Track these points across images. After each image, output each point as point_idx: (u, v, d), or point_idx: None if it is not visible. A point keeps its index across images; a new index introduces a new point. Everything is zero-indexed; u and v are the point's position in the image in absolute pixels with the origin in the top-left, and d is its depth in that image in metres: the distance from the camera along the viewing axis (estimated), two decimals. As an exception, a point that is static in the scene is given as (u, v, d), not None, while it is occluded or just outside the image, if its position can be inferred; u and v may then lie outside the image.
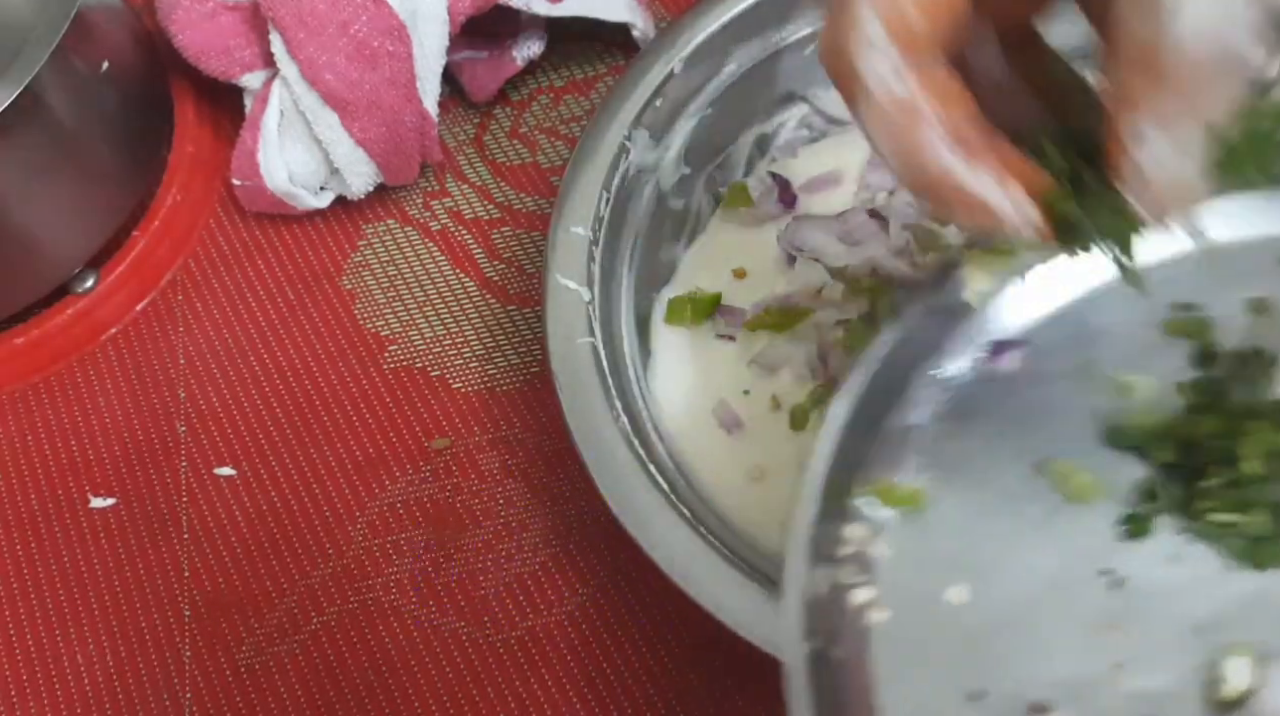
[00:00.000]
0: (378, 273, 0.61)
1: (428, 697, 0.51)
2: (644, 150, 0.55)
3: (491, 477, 0.55)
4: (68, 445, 0.58)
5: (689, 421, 0.53)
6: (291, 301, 0.61)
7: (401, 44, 0.58)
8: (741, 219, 0.59)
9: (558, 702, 0.50)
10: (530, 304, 0.60)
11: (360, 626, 0.53)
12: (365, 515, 0.55)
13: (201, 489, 0.57)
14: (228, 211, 0.64)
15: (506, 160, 0.64)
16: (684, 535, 0.46)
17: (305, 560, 0.54)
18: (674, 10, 0.66)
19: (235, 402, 0.58)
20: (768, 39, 0.57)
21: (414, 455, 0.56)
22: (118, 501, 0.57)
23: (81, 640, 0.54)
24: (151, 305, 0.62)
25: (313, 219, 0.63)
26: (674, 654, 0.51)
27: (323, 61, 0.57)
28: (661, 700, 0.50)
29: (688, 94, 0.56)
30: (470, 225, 0.62)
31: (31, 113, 0.55)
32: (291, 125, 0.59)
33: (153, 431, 0.58)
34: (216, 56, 0.60)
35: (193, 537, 0.55)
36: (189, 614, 0.54)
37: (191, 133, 0.64)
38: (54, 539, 0.56)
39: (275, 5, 0.57)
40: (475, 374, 0.58)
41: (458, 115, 0.66)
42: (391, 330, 0.60)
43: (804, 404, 0.53)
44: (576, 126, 0.65)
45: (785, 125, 0.60)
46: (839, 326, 0.53)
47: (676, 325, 0.56)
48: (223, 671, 0.52)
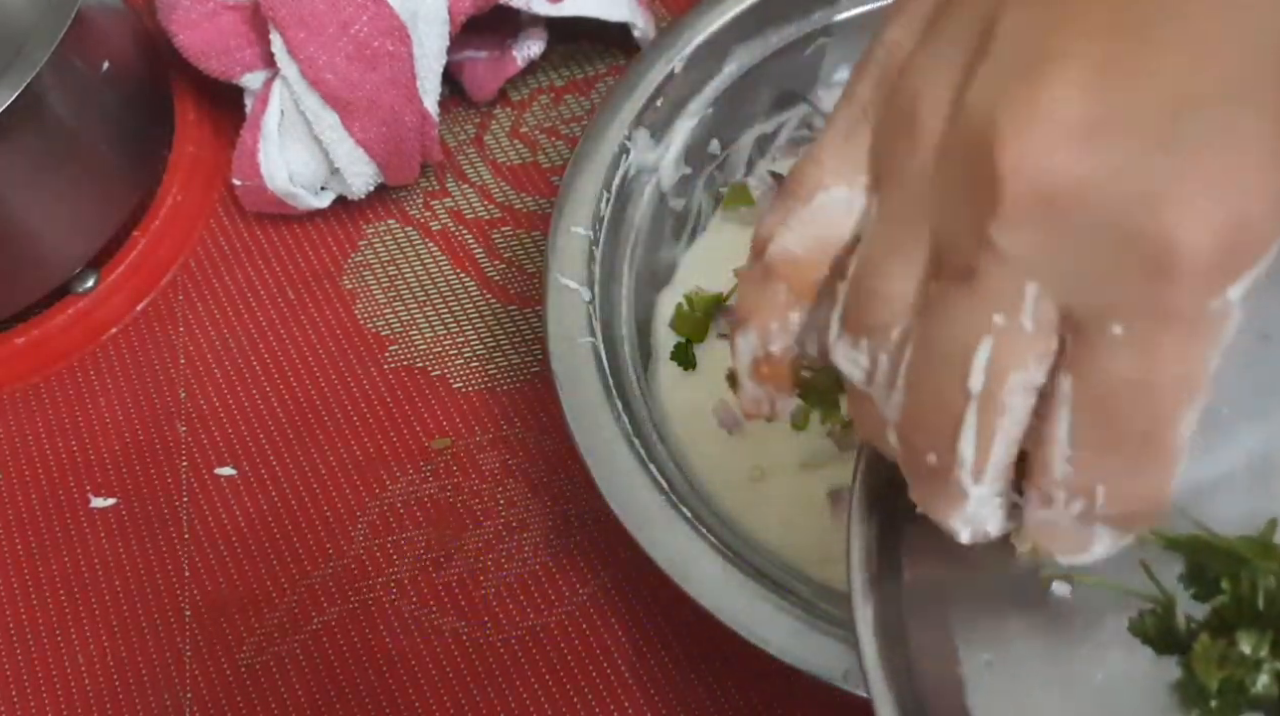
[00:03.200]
0: (378, 272, 0.61)
1: (428, 697, 0.51)
2: (644, 150, 0.55)
3: (491, 477, 0.55)
4: (68, 445, 0.58)
5: (689, 421, 0.53)
6: (292, 301, 0.61)
7: (402, 44, 0.58)
8: (742, 219, 0.59)
9: (558, 702, 0.50)
10: (531, 304, 0.60)
11: (360, 626, 0.53)
12: (365, 515, 0.55)
13: (202, 489, 0.57)
14: (228, 211, 0.64)
15: (507, 160, 0.64)
16: (684, 535, 0.46)
17: (305, 560, 0.54)
18: (674, 10, 0.66)
19: (235, 402, 0.58)
20: (768, 39, 0.57)
21: (414, 455, 0.56)
22: (118, 501, 0.57)
23: (81, 640, 0.54)
24: (151, 305, 0.62)
25: (313, 219, 0.63)
26: (674, 654, 0.51)
27: (323, 61, 0.57)
28: (662, 700, 0.50)
29: (688, 94, 0.56)
30: (471, 225, 0.62)
31: (32, 113, 0.55)
32: (292, 125, 0.59)
33: (153, 431, 0.58)
34: (217, 56, 0.60)
35: (193, 537, 0.55)
36: (189, 614, 0.54)
37: (191, 133, 0.64)
38: (54, 539, 0.56)
39: (276, 5, 0.57)
40: (475, 374, 0.58)
41: (458, 115, 0.66)
42: (392, 330, 0.60)
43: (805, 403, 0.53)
44: (577, 126, 0.65)
45: (785, 125, 0.60)
46: (839, 326, 0.53)
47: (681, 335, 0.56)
48: (223, 671, 0.52)
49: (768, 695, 0.50)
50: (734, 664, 0.50)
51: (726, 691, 0.50)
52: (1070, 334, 0.28)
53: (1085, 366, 0.28)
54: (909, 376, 0.30)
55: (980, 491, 0.30)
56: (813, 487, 0.52)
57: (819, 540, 0.51)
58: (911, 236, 0.30)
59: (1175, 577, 0.34)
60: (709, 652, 0.50)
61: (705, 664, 0.50)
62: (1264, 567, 0.32)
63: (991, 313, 0.28)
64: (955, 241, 0.29)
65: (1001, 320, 0.28)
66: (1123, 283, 0.27)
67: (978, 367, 0.29)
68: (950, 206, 0.29)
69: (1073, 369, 0.28)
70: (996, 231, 0.27)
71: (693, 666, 0.50)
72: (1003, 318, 0.28)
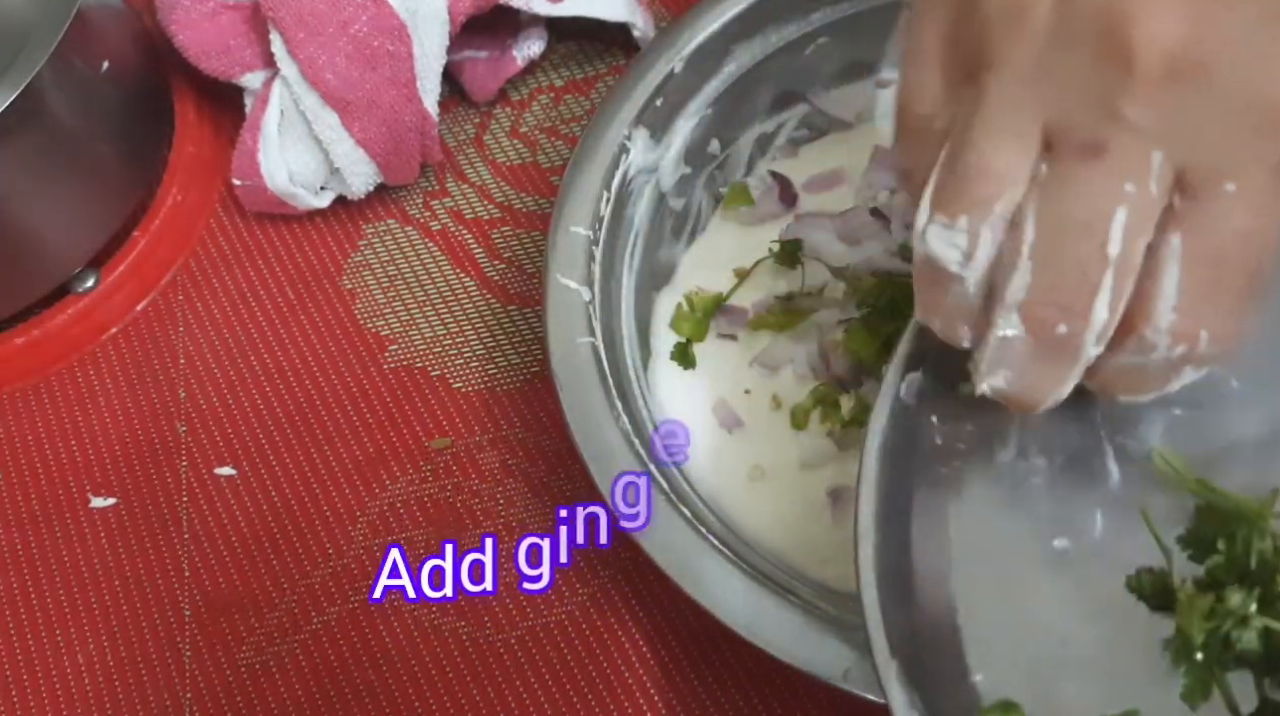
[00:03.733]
0: (378, 272, 0.61)
1: (428, 697, 0.51)
2: (644, 150, 0.55)
3: (491, 477, 0.55)
4: (68, 445, 0.58)
5: (689, 421, 0.53)
6: (291, 301, 0.61)
7: (402, 44, 0.58)
8: (742, 218, 0.59)
9: (558, 702, 0.50)
10: (530, 304, 0.60)
11: (360, 626, 0.53)
12: (365, 515, 0.55)
13: (201, 489, 0.57)
14: (228, 211, 0.64)
15: (507, 160, 0.64)
16: (684, 535, 0.46)
17: (305, 560, 0.54)
18: (674, 10, 0.66)
19: (235, 402, 0.58)
20: (768, 39, 0.57)
21: (414, 455, 0.56)
22: (118, 501, 0.57)
23: (82, 640, 0.54)
24: (151, 305, 0.62)
25: (313, 219, 0.63)
26: (674, 654, 0.51)
27: (323, 61, 0.57)
28: (662, 700, 0.50)
29: (688, 94, 0.56)
30: (470, 225, 0.62)
31: (32, 113, 0.55)
32: (292, 125, 0.59)
33: (153, 431, 0.58)
34: (216, 56, 0.60)
35: (193, 537, 0.55)
36: (189, 614, 0.54)
37: (191, 133, 0.64)
38: (54, 539, 0.56)
39: (275, 5, 0.57)
40: (475, 374, 0.58)
41: (458, 115, 0.66)
42: (392, 330, 0.60)
43: (805, 403, 0.53)
44: (577, 126, 0.65)
45: (785, 125, 0.60)
46: (840, 326, 0.53)
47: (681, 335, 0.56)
48: (223, 671, 0.52)
49: (768, 695, 0.50)
50: (734, 664, 0.50)
51: (726, 691, 0.50)
52: (1180, 194, 0.31)
53: (1197, 221, 0.31)
54: (1039, 251, 0.32)
55: (1095, 351, 0.33)
56: (813, 487, 0.52)
57: (819, 540, 0.51)
58: (1018, 117, 0.32)
59: (1174, 540, 0.35)
60: (709, 652, 0.50)
61: (705, 664, 0.50)
62: (1261, 528, 0.33)
63: (1123, 182, 0.31)
64: (1078, 116, 0.31)
65: (1133, 188, 0.31)
66: (1237, 144, 0.30)
67: (1114, 234, 0.31)
68: (1071, 82, 0.31)
69: (1182, 226, 0.31)
70: (1128, 105, 0.30)
71: (693, 666, 0.50)
72: (1134, 186, 0.31)
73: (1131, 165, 0.31)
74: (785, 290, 0.56)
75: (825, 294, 0.55)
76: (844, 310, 0.54)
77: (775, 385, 0.54)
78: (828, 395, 0.53)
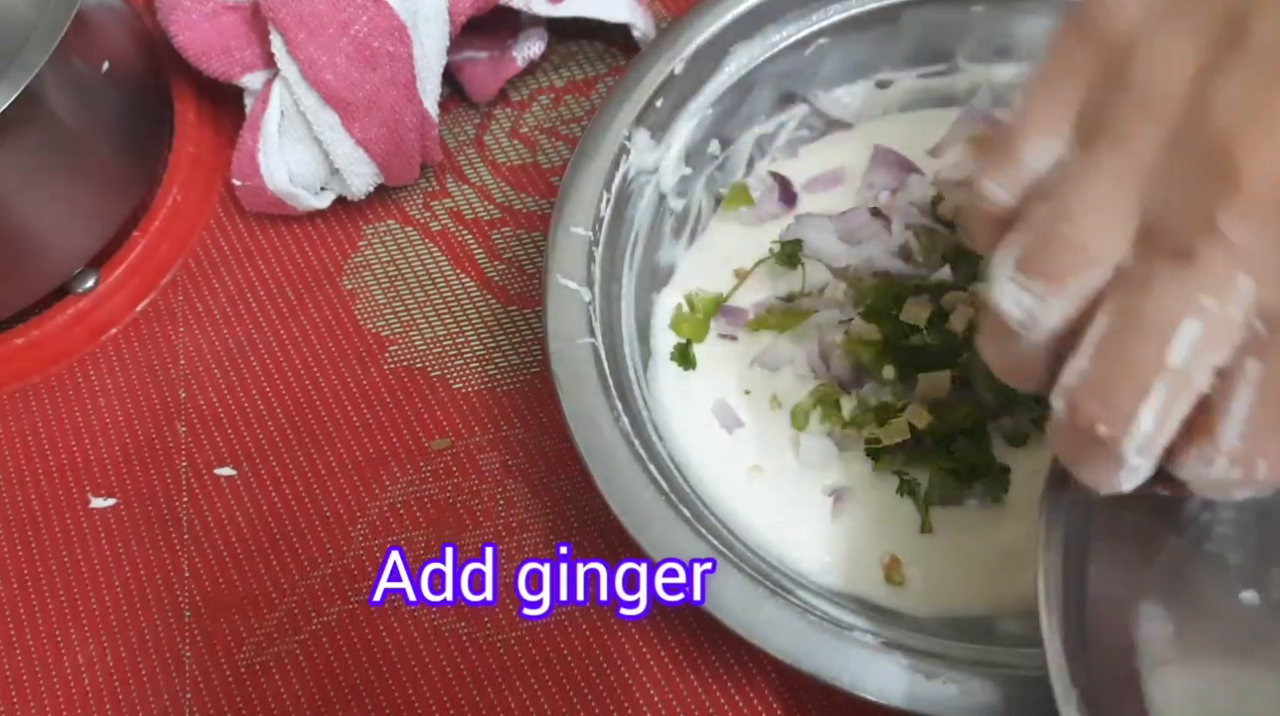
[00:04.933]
0: (378, 273, 0.61)
1: (428, 698, 0.51)
2: (644, 150, 0.55)
3: (491, 477, 0.55)
4: (68, 445, 0.58)
5: (688, 421, 0.53)
6: (291, 301, 0.61)
7: (402, 44, 0.58)
8: (742, 219, 0.59)
9: (558, 703, 0.50)
10: (530, 304, 0.60)
11: (360, 626, 0.53)
12: (365, 515, 0.55)
13: (201, 489, 0.57)
14: (228, 211, 0.64)
15: (507, 160, 0.64)
16: (684, 535, 0.46)
17: (305, 560, 0.54)
18: (674, 10, 0.66)
19: (235, 402, 0.58)
20: (768, 39, 0.57)
21: (414, 455, 0.56)
22: (118, 501, 0.57)
23: (81, 640, 0.54)
24: (151, 305, 0.62)
25: (313, 219, 0.63)
26: (673, 654, 0.51)
27: (323, 62, 0.57)
28: (661, 700, 0.50)
29: (688, 94, 0.56)
30: (470, 225, 0.62)
31: (32, 113, 0.55)
32: (292, 125, 0.59)
33: (153, 431, 0.58)
34: (216, 56, 0.60)
35: (193, 537, 0.55)
36: (189, 614, 0.54)
37: (191, 133, 0.64)
38: (54, 539, 0.56)
39: (275, 5, 0.57)
40: (475, 374, 0.58)
41: (458, 115, 0.66)
42: (392, 330, 0.60)
43: (805, 403, 0.53)
44: (577, 126, 0.65)
45: (785, 125, 0.60)
46: (840, 326, 0.53)
47: (681, 335, 0.56)
48: (223, 671, 0.52)
49: (768, 695, 0.50)
50: (734, 664, 0.50)
51: (726, 691, 0.50)
52: (1265, 324, 0.30)
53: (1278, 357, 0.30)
54: (1104, 344, 0.32)
55: (1138, 462, 0.32)
56: (813, 487, 0.52)
57: (819, 540, 0.51)
58: (1123, 198, 0.31)
59: None
60: (709, 653, 0.50)
61: (705, 664, 0.50)
62: None
63: (1203, 295, 0.30)
64: (1176, 220, 0.31)
65: (1212, 304, 0.30)
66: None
67: (1179, 344, 0.30)
68: (1177, 185, 0.31)
69: (1264, 357, 0.31)
70: (1225, 221, 0.29)
71: (692, 666, 0.50)
72: (1214, 302, 0.30)
73: (1216, 281, 0.30)
74: (785, 290, 0.56)
75: (825, 294, 0.55)
76: (844, 310, 0.54)
77: (775, 385, 0.54)
78: (828, 395, 0.53)
